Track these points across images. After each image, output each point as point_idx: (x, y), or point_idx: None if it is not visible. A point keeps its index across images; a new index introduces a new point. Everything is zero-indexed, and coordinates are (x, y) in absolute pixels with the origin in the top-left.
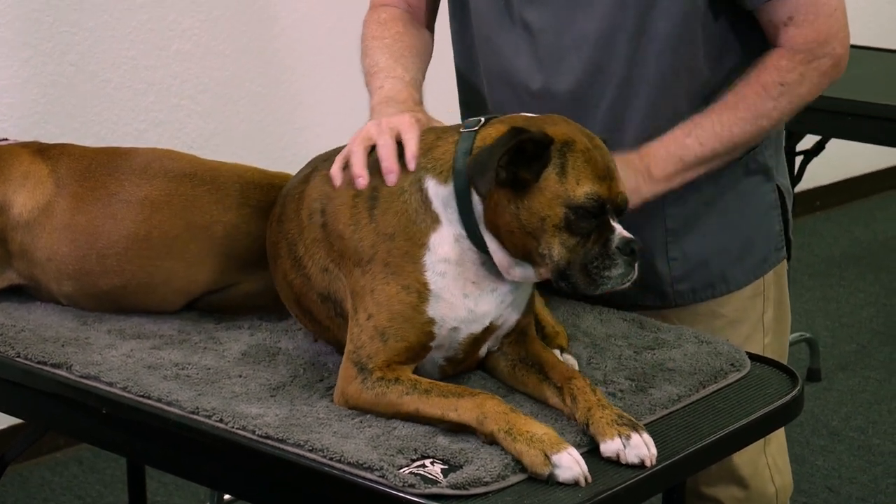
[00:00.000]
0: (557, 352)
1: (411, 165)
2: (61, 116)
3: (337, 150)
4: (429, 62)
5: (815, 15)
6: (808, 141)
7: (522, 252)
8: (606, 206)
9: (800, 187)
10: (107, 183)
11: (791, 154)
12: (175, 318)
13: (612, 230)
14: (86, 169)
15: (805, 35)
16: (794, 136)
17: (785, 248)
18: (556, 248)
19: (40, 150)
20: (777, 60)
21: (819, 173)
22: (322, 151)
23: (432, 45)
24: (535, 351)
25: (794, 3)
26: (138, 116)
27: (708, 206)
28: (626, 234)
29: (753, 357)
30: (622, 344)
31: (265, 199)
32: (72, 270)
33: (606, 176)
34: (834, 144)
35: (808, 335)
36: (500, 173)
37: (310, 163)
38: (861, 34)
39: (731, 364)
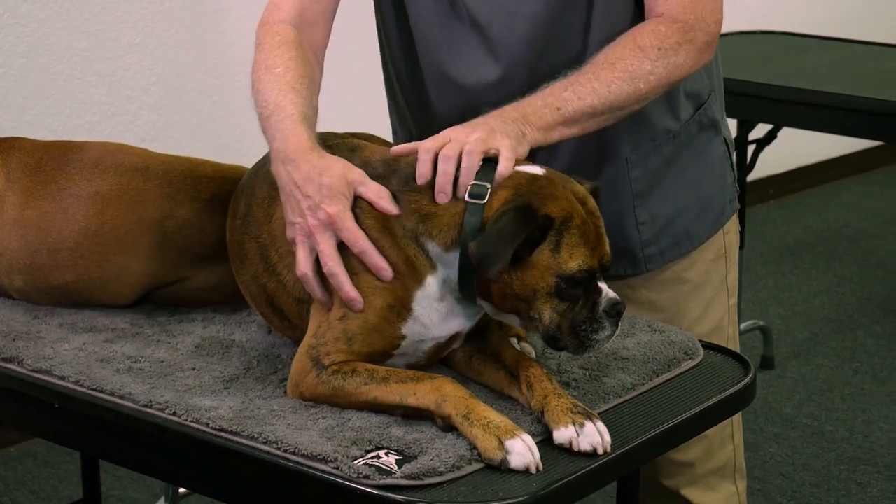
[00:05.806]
0: (515, 340)
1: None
2: (12, 109)
3: None
4: (318, 91)
5: None
6: (761, 129)
7: (511, 310)
8: (596, 274)
9: (752, 176)
10: (58, 177)
11: (743, 143)
12: (128, 312)
13: (600, 292)
14: (37, 163)
15: (684, 5)
16: (746, 124)
17: (737, 199)
18: (546, 314)
19: None
20: (656, 26)
21: (771, 162)
22: None
23: (321, 75)
24: (493, 341)
25: None
26: (90, 109)
27: (668, 165)
28: (612, 295)
29: (706, 345)
30: None
31: (218, 192)
32: (22, 265)
33: (597, 245)
34: (786, 133)
35: (761, 323)
36: None
37: (266, 155)
38: (814, 23)
39: (685, 353)
